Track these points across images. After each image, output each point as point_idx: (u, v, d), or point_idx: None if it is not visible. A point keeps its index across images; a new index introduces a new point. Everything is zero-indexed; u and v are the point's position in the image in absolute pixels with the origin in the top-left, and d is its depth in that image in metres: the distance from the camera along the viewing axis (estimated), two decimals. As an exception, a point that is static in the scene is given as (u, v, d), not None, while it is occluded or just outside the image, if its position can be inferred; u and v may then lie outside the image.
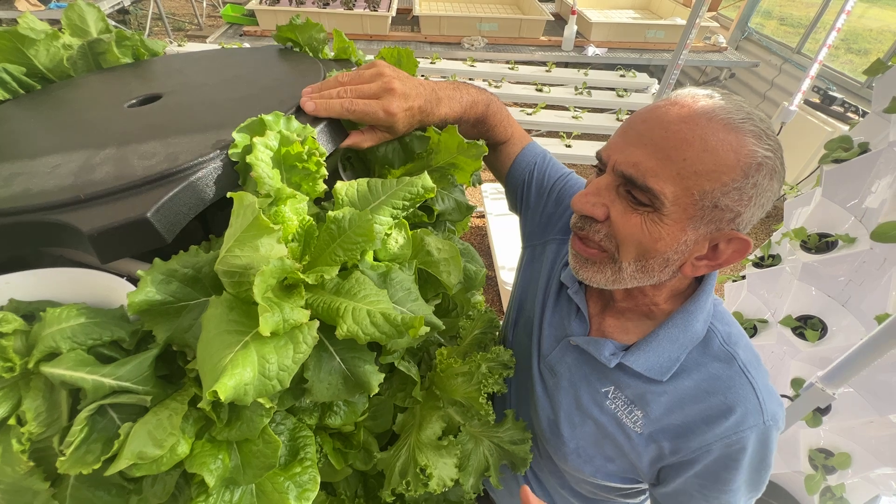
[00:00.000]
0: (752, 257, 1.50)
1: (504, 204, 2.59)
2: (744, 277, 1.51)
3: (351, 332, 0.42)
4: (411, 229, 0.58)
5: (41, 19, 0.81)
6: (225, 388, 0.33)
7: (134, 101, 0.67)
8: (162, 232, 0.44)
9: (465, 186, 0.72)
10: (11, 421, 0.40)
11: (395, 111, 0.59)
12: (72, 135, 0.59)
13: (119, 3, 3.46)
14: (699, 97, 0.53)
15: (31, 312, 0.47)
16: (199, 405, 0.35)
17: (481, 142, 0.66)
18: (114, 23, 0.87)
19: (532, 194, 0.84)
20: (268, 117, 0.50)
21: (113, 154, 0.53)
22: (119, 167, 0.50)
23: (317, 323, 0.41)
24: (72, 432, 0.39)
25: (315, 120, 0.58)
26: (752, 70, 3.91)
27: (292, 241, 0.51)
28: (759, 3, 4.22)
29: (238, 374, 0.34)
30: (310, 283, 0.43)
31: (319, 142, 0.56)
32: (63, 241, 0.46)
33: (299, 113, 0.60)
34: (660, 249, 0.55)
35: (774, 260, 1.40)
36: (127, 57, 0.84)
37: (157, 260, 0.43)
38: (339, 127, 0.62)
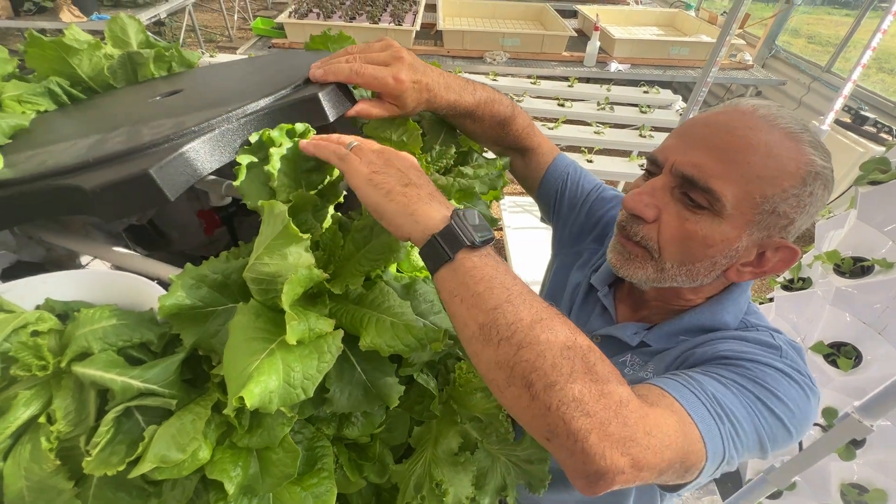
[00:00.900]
0: (780, 279, 1.45)
1: (522, 217, 2.59)
2: (771, 300, 1.46)
3: (374, 344, 0.42)
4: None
5: (83, 30, 0.85)
6: (251, 394, 0.33)
7: (157, 97, 0.69)
8: (164, 189, 0.44)
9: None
10: (41, 419, 0.41)
11: (405, 79, 0.58)
12: (96, 124, 0.62)
13: (156, 16, 3.61)
14: (759, 106, 0.55)
15: (65, 312, 0.49)
16: (224, 411, 0.35)
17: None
18: (151, 35, 0.91)
19: (564, 205, 0.84)
20: (273, 132, 0.51)
21: (127, 130, 0.55)
22: (130, 137, 0.51)
23: (341, 333, 0.41)
24: (98, 433, 0.40)
25: (321, 87, 0.58)
26: (779, 88, 3.84)
27: (317, 249, 0.51)
28: (787, 21, 4.17)
29: (264, 382, 0.34)
30: (335, 293, 0.43)
31: (325, 107, 0.56)
32: (73, 205, 0.47)
33: (308, 84, 0.60)
34: (709, 254, 0.55)
35: (805, 283, 1.35)
36: (162, 71, 0.88)
37: (188, 265, 0.44)
38: (347, 92, 0.61)
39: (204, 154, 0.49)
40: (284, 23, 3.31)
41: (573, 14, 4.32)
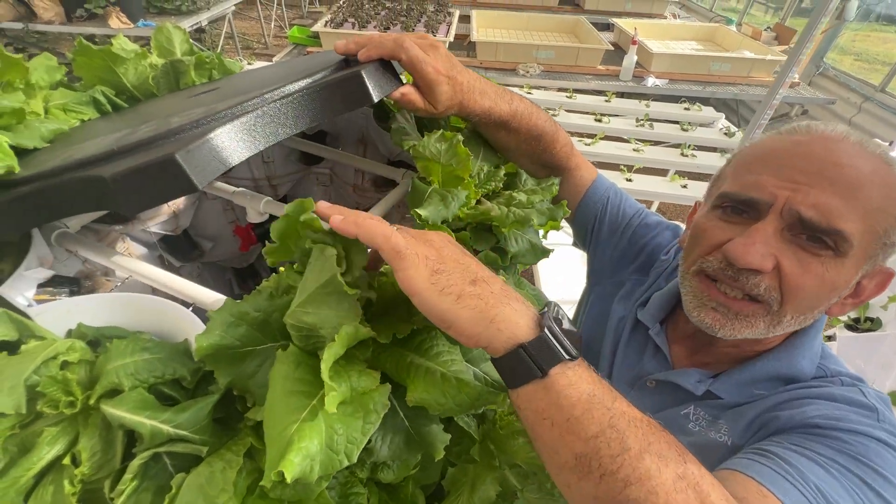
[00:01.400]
0: (844, 318, 1.34)
1: (552, 235, 2.51)
2: (830, 339, 1.35)
3: (422, 401, 0.38)
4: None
5: (129, 36, 0.85)
6: (291, 466, 0.29)
7: (193, 96, 0.68)
8: (192, 175, 0.39)
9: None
10: (66, 460, 0.38)
11: (442, 71, 0.55)
12: (129, 123, 0.61)
13: (198, 23, 3.72)
14: (847, 132, 0.51)
15: (97, 338, 0.46)
16: (261, 483, 0.31)
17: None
18: (194, 42, 0.91)
19: (604, 230, 0.79)
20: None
21: (157, 123, 0.52)
22: (159, 126, 0.49)
23: (388, 388, 0.37)
24: (123, 480, 0.37)
25: (363, 65, 0.54)
26: (827, 107, 3.66)
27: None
28: (836, 39, 3.99)
29: (304, 449, 0.30)
30: (381, 342, 0.39)
31: (368, 85, 0.52)
32: (96, 198, 0.43)
33: (347, 64, 0.57)
34: (831, 296, 0.51)
35: (874, 324, 1.24)
36: (203, 78, 0.87)
37: (228, 300, 0.40)
38: (391, 71, 0.56)
39: (236, 139, 0.44)
40: (320, 31, 3.35)
41: (608, 27, 4.25)
